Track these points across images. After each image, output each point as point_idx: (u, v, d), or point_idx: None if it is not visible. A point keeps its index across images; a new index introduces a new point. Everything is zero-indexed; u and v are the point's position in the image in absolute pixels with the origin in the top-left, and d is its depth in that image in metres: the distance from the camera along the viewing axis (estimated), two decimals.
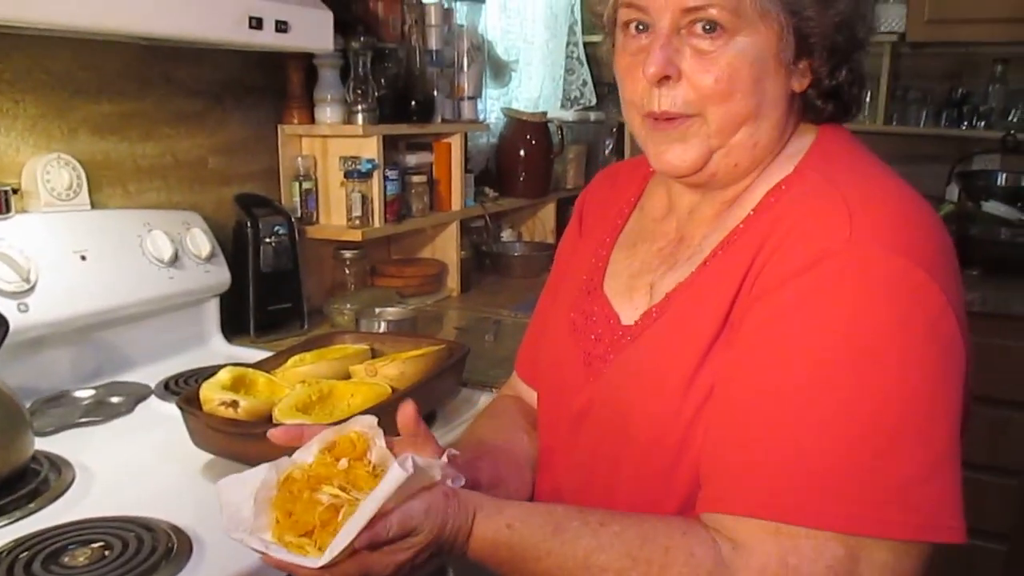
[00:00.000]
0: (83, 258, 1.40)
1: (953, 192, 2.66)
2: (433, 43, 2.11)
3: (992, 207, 2.50)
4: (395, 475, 0.71)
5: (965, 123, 2.73)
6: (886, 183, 0.78)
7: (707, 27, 0.76)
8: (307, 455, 0.79)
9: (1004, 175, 2.66)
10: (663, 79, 0.78)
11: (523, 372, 1.12)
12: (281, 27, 1.38)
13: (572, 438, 0.91)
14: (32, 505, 1.02)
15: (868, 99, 2.84)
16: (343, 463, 0.77)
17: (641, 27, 0.81)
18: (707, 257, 0.82)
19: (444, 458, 0.81)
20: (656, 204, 0.96)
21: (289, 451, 0.80)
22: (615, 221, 0.99)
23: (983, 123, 2.70)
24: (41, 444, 1.16)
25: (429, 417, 1.32)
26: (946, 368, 0.71)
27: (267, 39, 1.36)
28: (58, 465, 1.12)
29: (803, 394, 0.69)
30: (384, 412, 1.15)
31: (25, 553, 0.90)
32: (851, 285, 0.69)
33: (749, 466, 0.70)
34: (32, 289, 1.31)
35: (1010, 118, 2.69)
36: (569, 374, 0.92)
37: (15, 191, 1.38)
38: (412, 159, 2.11)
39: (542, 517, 0.76)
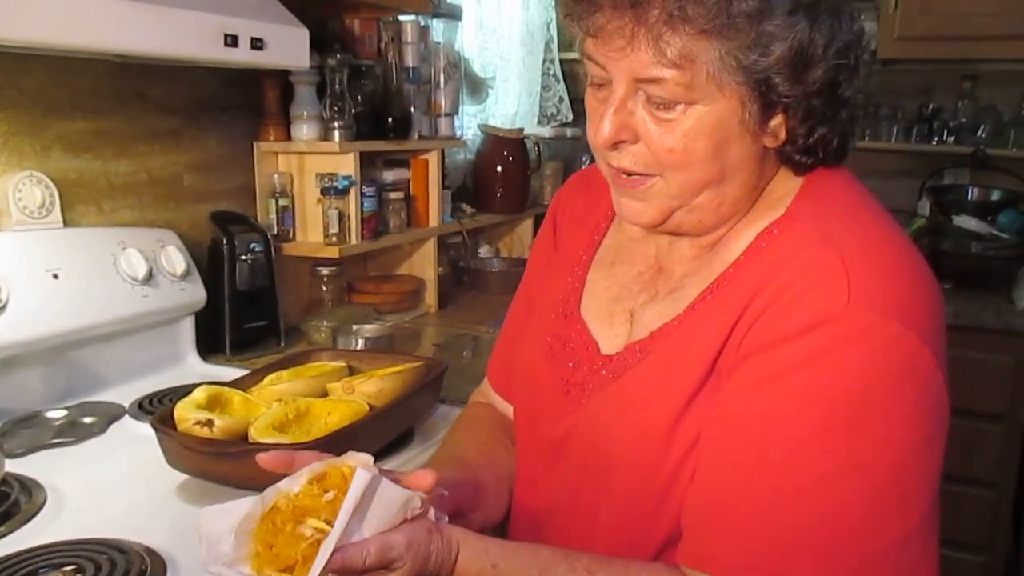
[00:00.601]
0: (56, 276, 1.39)
1: (924, 207, 2.70)
2: (410, 60, 2.12)
3: (963, 221, 2.54)
4: (361, 478, 0.69)
5: (935, 139, 2.77)
6: (879, 233, 0.76)
7: (659, 101, 0.73)
8: (295, 484, 0.75)
9: (974, 189, 2.70)
10: (619, 143, 0.77)
11: (496, 384, 1.11)
12: (257, 44, 1.38)
13: (552, 465, 0.90)
14: (2, 528, 1.00)
15: None
16: (330, 495, 0.73)
17: (600, 82, 0.78)
18: (695, 300, 0.80)
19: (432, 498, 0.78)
20: (620, 232, 0.94)
21: (275, 478, 0.77)
22: (592, 237, 0.96)
23: (953, 138, 2.75)
24: (12, 466, 1.14)
25: (407, 434, 1.31)
26: (932, 434, 0.72)
27: (243, 56, 1.36)
28: (29, 487, 1.10)
29: (790, 459, 0.69)
30: (362, 430, 1.15)
31: None
32: (848, 353, 0.68)
33: (731, 525, 0.70)
34: (3, 308, 1.29)
35: (979, 133, 2.74)
36: (547, 401, 0.90)
37: None
38: (389, 175, 2.11)
39: (528, 559, 0.75)
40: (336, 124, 1.89)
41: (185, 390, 1.25)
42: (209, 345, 1.71)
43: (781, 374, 0.70)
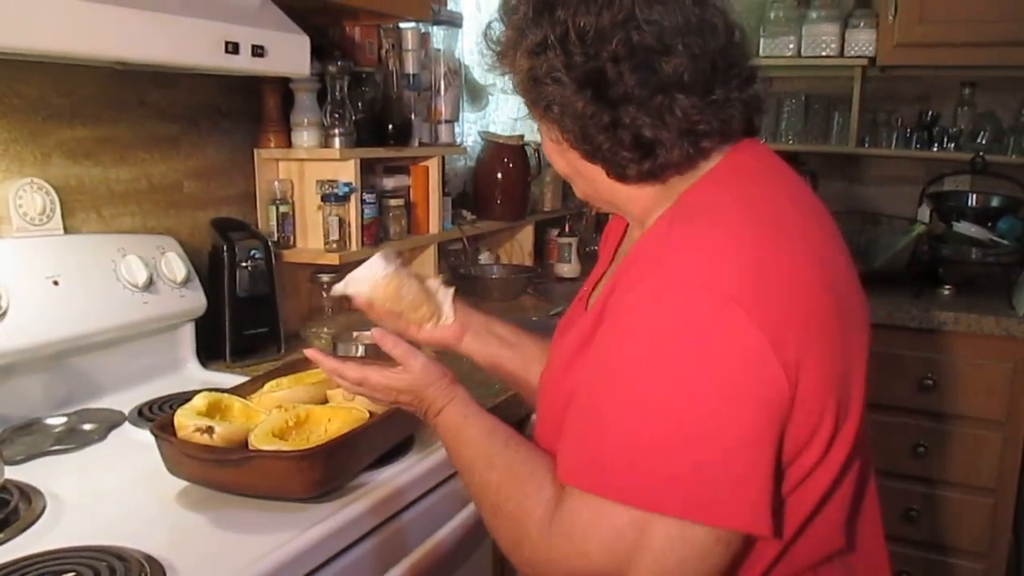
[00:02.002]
0: (56, 283, 1.39)
1: (924, 213, 2.71)
2: (410, 67, 2.13)
3: (963, 228, 2.54)
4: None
5: (935, 145, 2.78)
6: (715, 231, 0.81)
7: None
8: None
9: (974, 196, 2.70)
10: None
11: None
12: (258, 52, 1.38)
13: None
14: (1, 535, 1.00)
15: (840, 122, 2.89)
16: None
17: None
18: (614, 277, 0.91)
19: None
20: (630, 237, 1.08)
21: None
22: (613, 246, 1.10)
23: (952, 145, 2.75)
24: (11, 473, 1.14)
25: (407, 441, 1.31)
26: (743, 379, 0.75)
27: (244, 64, 1.36)
28: (28, 494, 1.10)
29: (613, 388, 0.80)
30: (362, 437, 1.15)
31: None
32: (663, 308, 0.78)
33: (573, 445, 0.83)
34: (3, 315, 1.29)
35: (978, 140, 2.74)
36: (556, 338, 1.09)
37: None
38: (389, 182, 2.11)
39: (488, 424, 0.96)
40: (336, 131, 1.89)
41: (185, 397, 1.25)
42: (209, 352, 1.71)
43: (612, 325, 0.83)
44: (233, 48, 1.33)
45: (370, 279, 1.21)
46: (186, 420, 1.10)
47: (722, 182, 0.87)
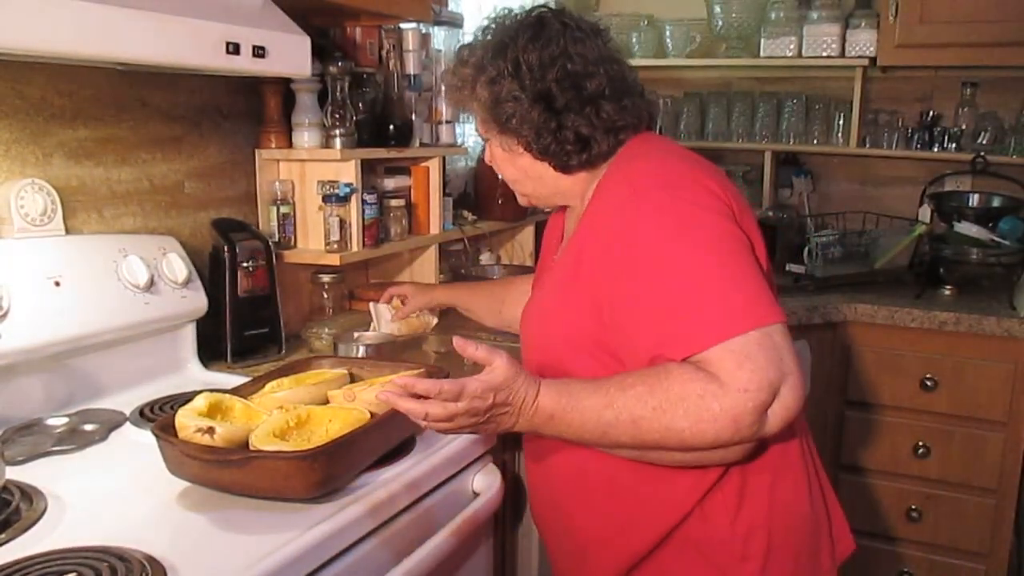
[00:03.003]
0: (57, 284, 1.39)
1: (925, 213, 2.71)
2: (411, 68, 2.13)
3: (964, 228, 2.54)
4: None
5: (936, 145, 2.77)
6: (654, 159, 1.18)
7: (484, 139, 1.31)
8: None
9: (975, 196, 2.70)
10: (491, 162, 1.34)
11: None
12: (259, 52, 1.38)
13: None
14: (2, 536, 1.00)
15: (841, 122, 2.89)
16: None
17: None
18: (571, 236, 1.25)
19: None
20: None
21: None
22: (561, 228, 1.42)
23: (954, 145, 2.74)
24: (12, 473, 1.14)
25: (407, 442, 1.31)
26: (721, 221, 1.07)
27: (244, 64, 1.36)
28: (29, 495, 1.10)
29: (663, 269, 1.05)
30: (363, 437, 1.15)
31: None
32: (646, 208, 1.09)
33: (675, 325, 1.02)
34: (5, 315, 1.29)
35: (979, 140, 2.74)
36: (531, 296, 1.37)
37: None
38: (390, 183, 2.11)
39: (579, 379, 1.07)
40: (337, 132, 1.89)
41: (186, 397, 1.25)
42: (210, 352, 1.71)
43: (621, 236, 1.09)
44: (234, 49, 1.34)
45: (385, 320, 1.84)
46: (187, 421, 1.11)
47: (640, 144, 1.22)
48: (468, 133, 2.69)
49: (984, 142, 2.73)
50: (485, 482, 1.39)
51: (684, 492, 1.12)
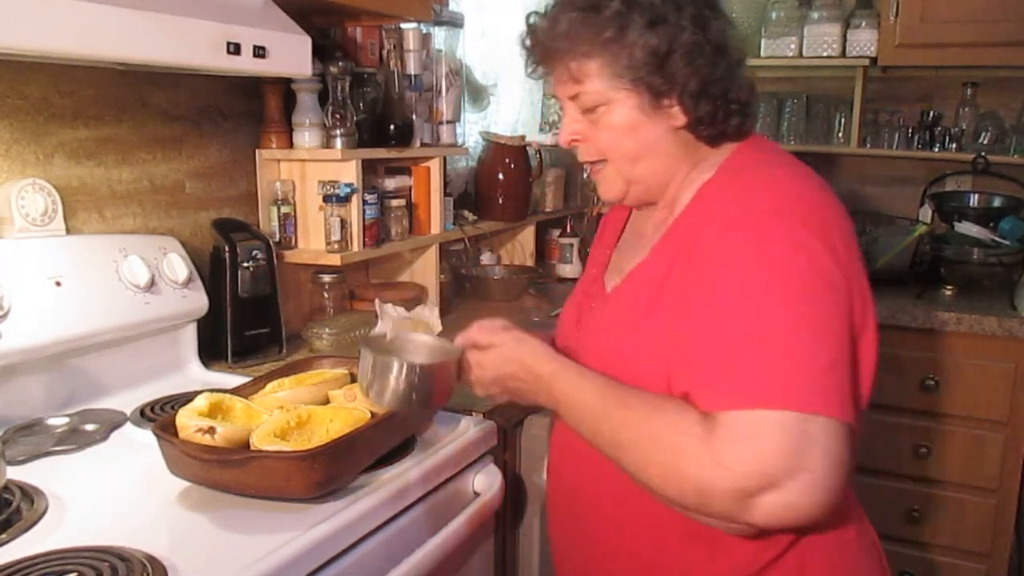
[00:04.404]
0: (58, 284, 1.39)
1: (926, 213, 2.71)
2: (411, 68, 2.12)
3: (965, 228, 2.54)
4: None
5: (937, 145, 2.77)
6: (779, 174, 1.02)
7: (584, 108, 1.07)
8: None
9: (975, 196, 2.70)
10: (573, 141, 1.11)
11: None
12: (259, 52, 1.38)
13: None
14: (3, 536, 1.00)
15: (842, 122, 2.89)
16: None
17: (560, 105, 1.12)
18: (655, 246, 1.07)
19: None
20: (635, 215, 1.22)
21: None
22: (616, 226, 1.26)
23: (954, 145, 2.74)
24: (13, 473, 1.14)
25: (408, 442, 1.31)
26: (825, 284, 0.91)
27: (245, 64, 1.36)
28: (30, 495, 1.10)
29: (733, 314, 0.91)
30: (363, 437, 1.15)
31: None
32: (753, 241, 0.93)
33: (714, 373, 0.91)
34: (6, 315, 1.29)
35: (980, 140, 2.74)
36: (568, 332, 1.21)
37: None
38: (391, 183, 2.11)
39: (602, 376, 1.00)
40: (338, 132, 1.89)
41: (187, 397, 1.25)
42: (211, 352, 1.72)
43: (717, 264, 0.94)
44: (235, 49, 1.34)
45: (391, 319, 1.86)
46: (188, 420, 1.11)
47: (752, 152, 1.07)
48: (469, 133, 2.69)
49: (985, 142, 2.73)
50: (486, 482, 1.39)
51: (738, 563, 0.99)
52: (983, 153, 2.62)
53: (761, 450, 0.85)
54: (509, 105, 2.95)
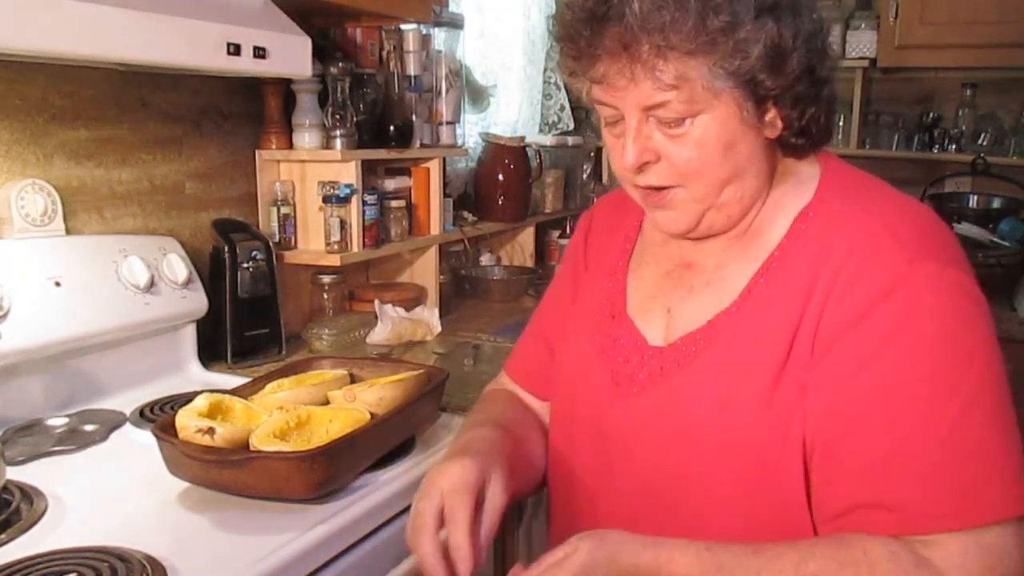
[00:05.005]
0: (57, 284, 1.39)
1: None
2: (411, 69, 2.12)
3: (964, 229, 2.54)
4: None
5: (936, 146, 2.77)
6: (900, 198, 0.87)
7: (668, 120, 0.83)
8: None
9: (975, 197, 2.70)
10: (645, 165, 0.86)
11: (523, 380, 1.16)
12: (259, 53, 1.38)
13: (604, 457, 0.94)
14: (3, 536, 1.00)
15: (841, 123, 2.89)
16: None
17: (614, 120, 0.87)
18: (748, 286, 0.88)
19: None
20: (654, 231, 1.01)
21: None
22: (624, 245, 1.05)
23: (954, 146, 2.75)
24: (13, 474, 1.14)
25: (408, 443, 1.31)
26: (998, 350, 0.80)
27: (245, 65, 1.36)
28: (30, 495, 1.10)
29: (924, 417, 0.76)
30: (363, 438, 1.15)
31: None
32: (928, 307, 0.78)
33: (921, 489, 0.75)
34: (5, 316, 1.29)
35: (979, 141, 2.74)
36: (596, 394, 0.96)
37: None
38: (391, 184, 2.11)
39: (737, 545, 0.79)
40: (338, 132, 1.89)
41: (186, 398, 1.25)
42: (210, 353, 1.71)
43: (881, 346, 0.78)
44: (235, 49, 1.34)
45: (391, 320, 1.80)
46: (187, 421, 1.10)
47: (839, 165, 0.92)
48: (469, 134, 2.69)
49: (984, 143, 2.73)
50: None
51: None
52: (982, 154, 2.63)
53: (1011, 573, 0.73)
54: (509, 106, 2.95)
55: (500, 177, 2.59)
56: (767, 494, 0.83)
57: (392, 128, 2.03)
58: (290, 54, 1.47)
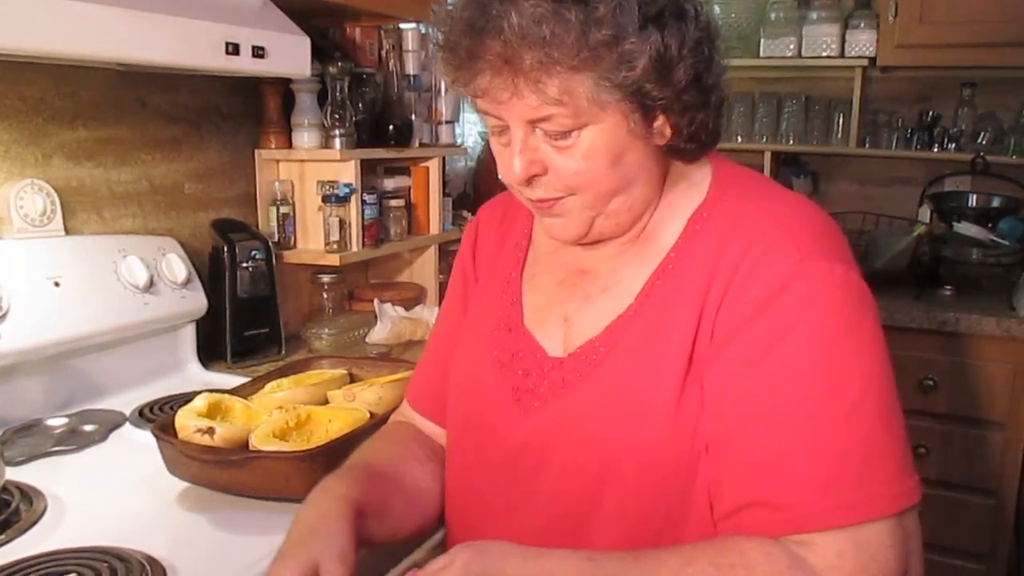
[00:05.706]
0: (57, 284, 1.39)
1: (925, 214, 2.70)
2: (410, 68, 2.13)
3: (964, 228, 2.54)
4: None
5: (935, 146, 2.77)
6: (789, 196, 0.89)
7: (554, 133, 0.81)
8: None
9: (974, 196, 2.70)
10: (534, 178, 0.84)
11: (421, 405, 1.10)
12: (258, 53, 1.38)
13: (510, 477, 0.91)
14: (2, 536, 1.00)
15: (840, 123, 2.89)
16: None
17: (499, 129, 0.84)
18: (644, 289, 0.87)
19: None
20: (545, 238, 0.98)
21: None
22: (515, 255, 1.01)
23: (953, 146, 2.74)
24: (12, 474, 1.14)
25: None
26: (884, 345, 0.82)
27: (244, 65, 1.36)
28: (29, 495, 1.10)
29: (815, 411, 0.77)
30: (362, 438, 1.15)
31: None
32: (821, 302, 0.79)
33: (809, 487, 0.76)
34: (4, 316, 1.29)
35: (979, 140, 2.74)
36: (496, 412, 0.92)
37: None
38: (390, 183, 2.11)
39: (618, 552, 0.78)
40: (337, 132, 1.89)
41: (186, 398, 1.25)
42: (210, 353, 1.71)
43: (774, 342, 0.78)
44: (234, 49, 1.34)
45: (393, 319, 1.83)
46: (187, 421, 1.11)
47: (729, 165, 0.93)
48: (468, 133, 2.69)
49: (983, 142, 2.72)
50: None
51: None
52: (982, 153, 2.62)
53: (887, 571, 0.74)
54: None
55: (499, 176, 2.58)
56: (681, 500, 0.82)
57: (391, 127, 2.03)
58: (289, 54, 1.47)
